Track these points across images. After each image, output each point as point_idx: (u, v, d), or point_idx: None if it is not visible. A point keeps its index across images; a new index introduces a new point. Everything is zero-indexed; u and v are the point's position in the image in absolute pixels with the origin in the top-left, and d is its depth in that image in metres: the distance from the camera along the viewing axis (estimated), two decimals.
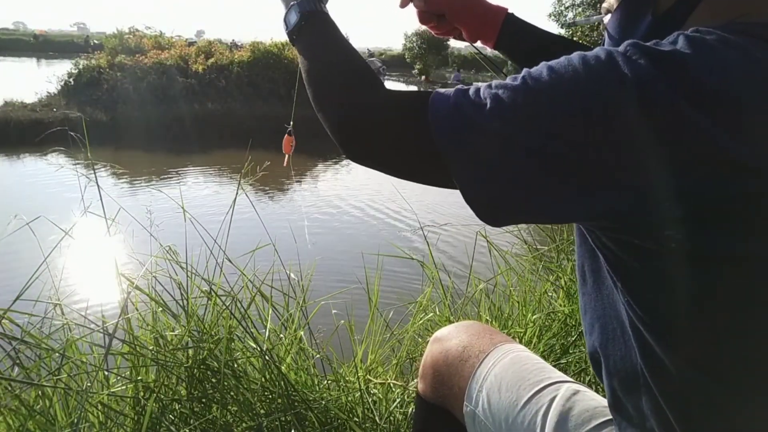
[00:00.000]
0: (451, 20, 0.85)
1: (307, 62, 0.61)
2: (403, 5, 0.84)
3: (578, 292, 0.64)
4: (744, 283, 0.45)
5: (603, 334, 0.59)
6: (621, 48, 0.44)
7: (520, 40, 0.86)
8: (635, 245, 0.47)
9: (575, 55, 0.45)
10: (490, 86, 0.48)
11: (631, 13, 0.56)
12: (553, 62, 0.46)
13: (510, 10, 0.87)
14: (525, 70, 0.48)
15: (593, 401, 0.73)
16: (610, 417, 0.68)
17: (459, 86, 0.51)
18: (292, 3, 0.66)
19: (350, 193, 6.81)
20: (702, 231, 0.43)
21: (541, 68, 0.46)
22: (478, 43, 0.90)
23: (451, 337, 0.91)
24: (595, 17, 0.70)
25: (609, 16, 0.60)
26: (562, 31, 19.16)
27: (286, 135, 0.99)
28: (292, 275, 1.59)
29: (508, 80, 0.48)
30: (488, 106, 0.46)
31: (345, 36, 0.63)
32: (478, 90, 0.49)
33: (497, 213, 0.49)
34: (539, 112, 0.44)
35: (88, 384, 1.18)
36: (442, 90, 0.51)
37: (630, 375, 0.56)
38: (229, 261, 1.41)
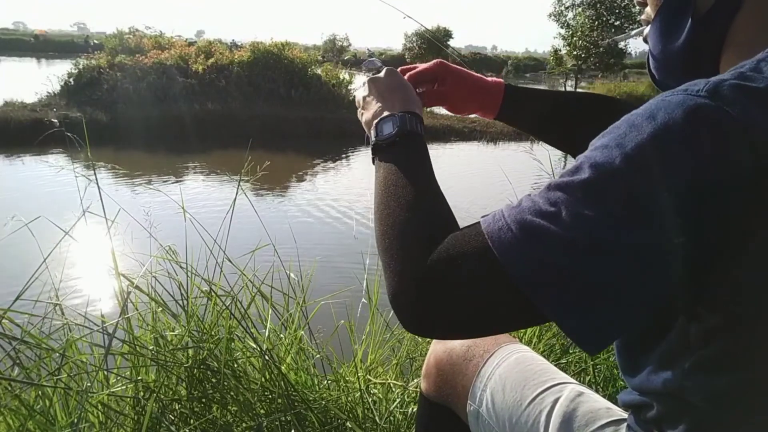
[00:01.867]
0: (450, 111, 0.85)
1: (383, 189, 0.56)
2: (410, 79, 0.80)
3: None
4: None
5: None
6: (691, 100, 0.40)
7: (525, 109, 0.84)
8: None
9: (640, 121, 0.41)
10: (549, 190, 0.43)
11: (671, 20, 0.54)
12: (611, 140, 0.42)
13: (505, 83, 0.83)
14: (583, 156, 0.43)
15: (597, 403, 0.73)
16: (614, 419, 0.68)
17: (504, 209, 0.45)
18: (392, 113, 0.63)
19: (350, 193, 6.81)
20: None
21: (601, 151, 0.41)
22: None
23: None
24: (634, 31, 0.68)
25: (648, 27, 0.59)
26: (562, 31, 19.17)
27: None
28: (292, 275, 1.59)
29: (564, 177, 0.43)
30: (557, 218, 0.41)
31: (430, 166, 0.58)
32: (535, 202, 0.44)
33: (605, 333, 0.44)
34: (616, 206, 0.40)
35: (88, 384, 1.18)
36: (491, 217, 0.45)
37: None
38: (229, 261, 1.41)
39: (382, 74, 0.72)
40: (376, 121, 0.64)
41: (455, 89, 0.81)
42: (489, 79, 0.84)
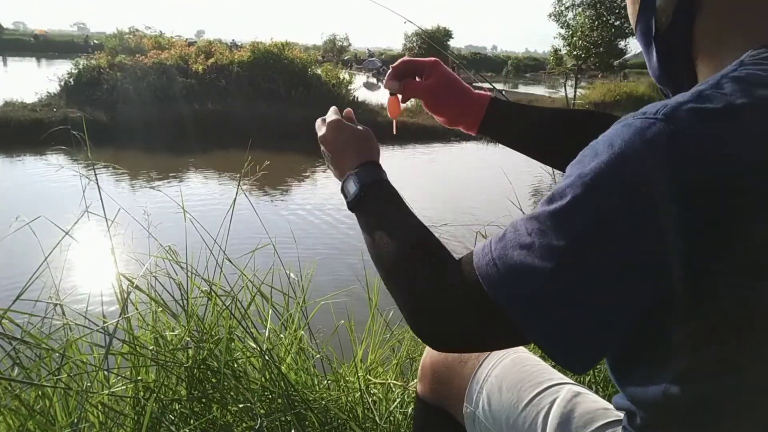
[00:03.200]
0: (428, 108, 0.83)
1: (369, 239, 0.61)
2: (386, 85, 0.82)
3: None
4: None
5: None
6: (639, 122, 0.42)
7: (511, 124, 0.83)
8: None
9: (597, 150, 0.44)
10: (528, 220, 0.47)
11: (644, 40, 0.58)
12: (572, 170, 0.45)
13: (493, 95, 0.82)
14: (555, 186, 0.46)
15: (595, 403, 0.73)
16: (612, 419, 0.68)
17: (492, 241, 0.49)
18: (350, 173, 0.67)
19: None
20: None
21: (566, 180, 0.44)
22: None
23: None
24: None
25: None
26: (562, 31, 19.16)
27: (391, 96, 0.83)
28: (292, 275, 1.59)
29: (540, 206, 0.46)
30: (533, 249, 0.44)
31: (403, 204, 0.63)
32: (517, 232, 0.47)
33: (591, 353, 0.46)
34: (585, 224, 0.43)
35: (88, 384, 1.18)
36: (480, 251, 0.49)
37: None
38: (229, 261, 1.41)
39: (325, 130, 0.75)
40: (341, 185, 0.70)
41: (438, 86, 0.81)
42: (477, 91, 0.83)
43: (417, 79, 0.82)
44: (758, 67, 0.43)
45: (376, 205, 0.64)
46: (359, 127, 0.76)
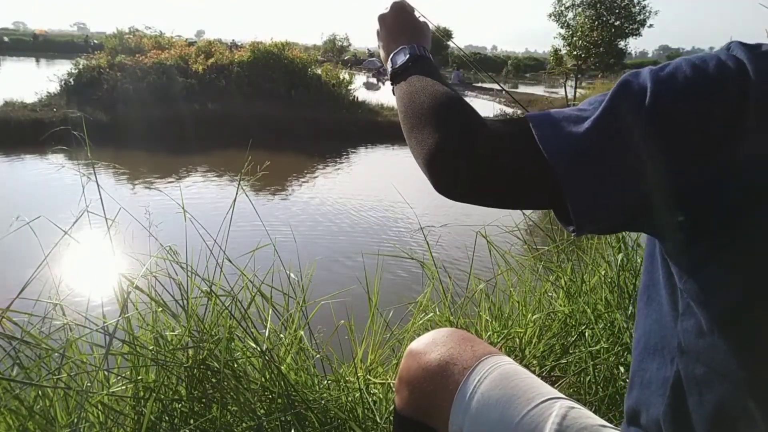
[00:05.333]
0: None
1: (408, 98, 0.63)
2: None
3: (637, 308, 0.64)
4: None
5: (643, 351, 0.61)
6: (724, 47, 0.50)
7: None
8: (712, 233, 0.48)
9: (682, 61, 0.49)
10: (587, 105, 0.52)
11: None
12: (650, 71, 0.50)
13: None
14: (624, 78, 0.50)
15: (589, 419, 0.71)
16: None
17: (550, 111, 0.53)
18: (402, 46, 0.70)
19: (350, 193, 6.81)
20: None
21: (638, 75, 0.50)
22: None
23: (429, 351, 0.85)
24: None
25: None
26: (562, 31, 19.17)
27: None
28: (292, 275, 1.59)
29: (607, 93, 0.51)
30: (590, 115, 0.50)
31: (445, 79, 0.65)
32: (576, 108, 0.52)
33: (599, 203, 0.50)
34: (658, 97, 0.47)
35: (88, 384, 1.18)
36: (536, 113, 0.52)
37: (660, 386, 0.57)
38: (229, 261, 1.41)
39: (388, 9, 0.76)
40: (390, 56, 0.71)
41: None
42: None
43: None
44: None
45: (422, 72, 0.66)
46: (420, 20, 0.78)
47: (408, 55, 0.69)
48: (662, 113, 0.47)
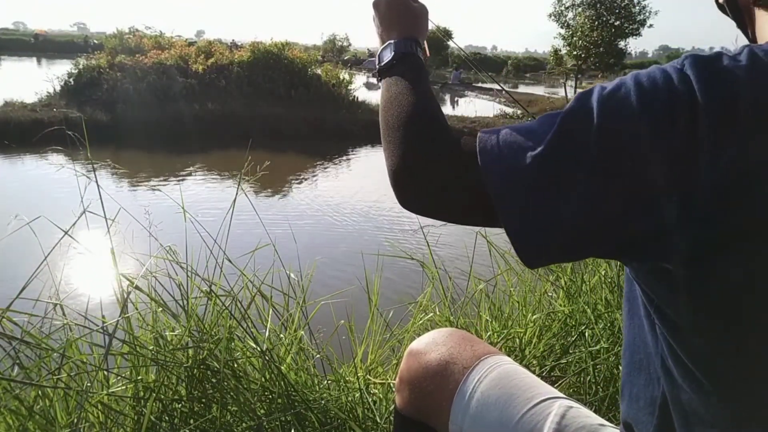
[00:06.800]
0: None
1: (383, 103, 0.64)
2: None
3: (622, 316, 0.63)
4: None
5: (630, 363, 0.60)
6: (677, 62, 0.45)
7: None
8: (667, 270, 0.46)
9: (628, 78, 0.46)
10: (524, 126, 0.50)
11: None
12: (598, 91, 0.47)
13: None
14: (572, 101, 0.49)
15: (588, 418, 0.71)
16: None
17: (504, 129, 0.52)
18: (389, 42, 0.70)
19: (350, 193, 6.81)
20: (727, 249, 0.43)
21: (590, 95, 0.47)
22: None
23: (429, 351, 0.86)
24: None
25: None
26: (562, 31, 19.18)
27: None
28: (292, 275, 1.59)
29: (548, 115, 0.49)
30: (533, 142, 0.47)
31: (424, 78, 0.66)
32: (518, 130, 0.50)
33: (539, 243, 0.49)
34: (587, 136, 0.45)
35: (88, 384, 1.18)
36: (487, 132, 0.51)
37: (648, 404, 0.56)
38: (229, 261, 1.41)
39: None
40: (379, 51, 0.72)
41: None
42: None
43: None
44: None
45: (404, 72, 0.66)
46: (416, 3, 0.76)
47: (393, 53, 0.68)
48: (606, 137, 0.45)
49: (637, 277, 0.51)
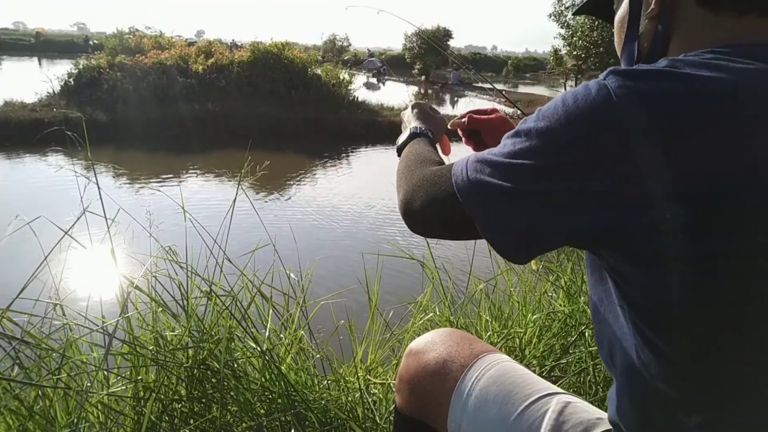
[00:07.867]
0: (486, 138, 0.96)
1: (401, 165, 0.79)
2: (452, 126, 1.00)
3: (592, 320, 0.64)
4: (736, 280, 0.45)
5: (611, 364, 0.60)
6: (601, 77, 0.49)
7: None
8: (635, 255, 0.48)
9: (559, 98, 0.51)
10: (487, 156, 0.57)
11: (628, 58, 0.63)
12: (535, 117, 0.53)
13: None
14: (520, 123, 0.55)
15: (586, 413, 0.71)
16: (605, 429, 0.67)
17: (471, 158, 0.60)
18: (412, 128, 0.89)
19: (351, 193, 6.81)
20: (692, 233, 0.44)
21: (529, 119, 0.53)
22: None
23: (428, 350, 0.87)
24: None
25: None
26: (562, 31, 19.18)
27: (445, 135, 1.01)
28: (292, 275, 1.59)
29: (508, 136, 0.55)
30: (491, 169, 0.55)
31: (425, 152, 0.81)
32: (481, 160, 0.57)
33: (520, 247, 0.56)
34: (534, 154, 0.51)
35: (88, 384, 1.18)
36: (458, 167, 0.61)
37: (628, 398, 0.57)
38: (229, 261, 1.41)
39: (409, 107, 0.98)
40: (402, 133, 0.92)
41: (498, 119, 0.96)
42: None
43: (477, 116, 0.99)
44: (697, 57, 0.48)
45: (412, 148, 0.83)
46: (437, 115, 0.97)
47: (408, 135, 0.87)
48: (545, 157, 0.49)
49: (611, 270, 0.53)
